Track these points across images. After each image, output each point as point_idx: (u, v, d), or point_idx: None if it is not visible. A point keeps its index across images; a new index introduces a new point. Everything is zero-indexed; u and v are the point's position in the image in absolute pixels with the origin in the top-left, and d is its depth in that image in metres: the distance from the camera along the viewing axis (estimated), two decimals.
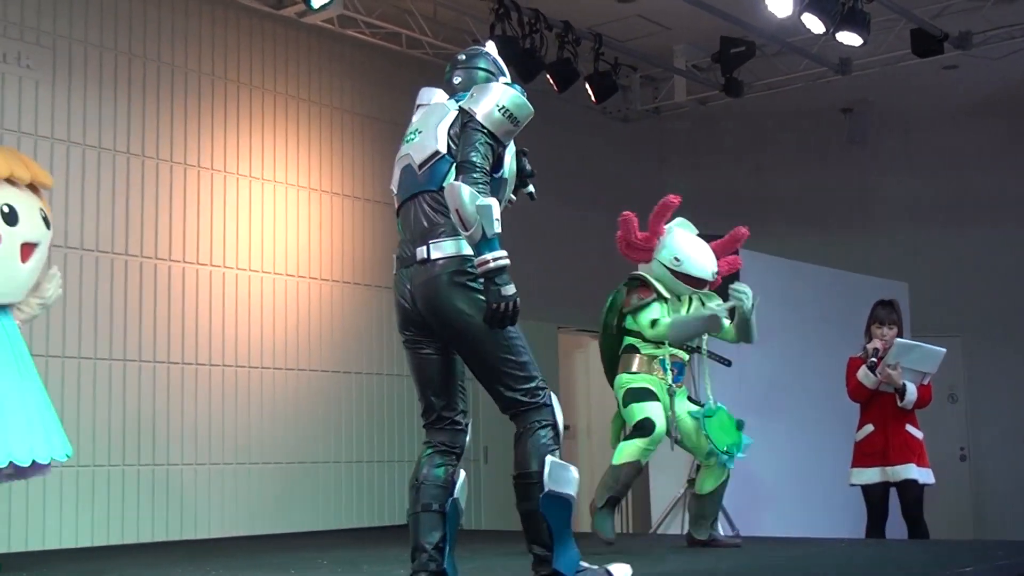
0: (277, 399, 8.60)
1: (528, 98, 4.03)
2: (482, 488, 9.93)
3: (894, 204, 11.97)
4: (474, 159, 3.93)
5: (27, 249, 4.68)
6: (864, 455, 7.05)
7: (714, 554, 5.83)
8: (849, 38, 8.60)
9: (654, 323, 6.00)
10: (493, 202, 3.84)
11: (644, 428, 5.86)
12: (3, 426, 4.43)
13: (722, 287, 6.33)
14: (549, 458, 4.00)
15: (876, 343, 6.97)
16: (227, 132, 8.52)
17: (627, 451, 5.88)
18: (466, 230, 3.84)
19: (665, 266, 6.07)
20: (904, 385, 6.86)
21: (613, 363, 6.25)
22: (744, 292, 5.96)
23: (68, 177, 7.56)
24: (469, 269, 3.96)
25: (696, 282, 6.13)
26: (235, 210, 8.50)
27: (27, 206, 4.71)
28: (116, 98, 7.90)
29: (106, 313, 7.70)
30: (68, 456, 4.74)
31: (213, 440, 8.19)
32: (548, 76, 9.30)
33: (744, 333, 6.12)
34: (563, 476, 4.00)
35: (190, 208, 8.22)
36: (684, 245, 6.12)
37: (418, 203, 4.15)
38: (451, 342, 4.08)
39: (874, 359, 6.91)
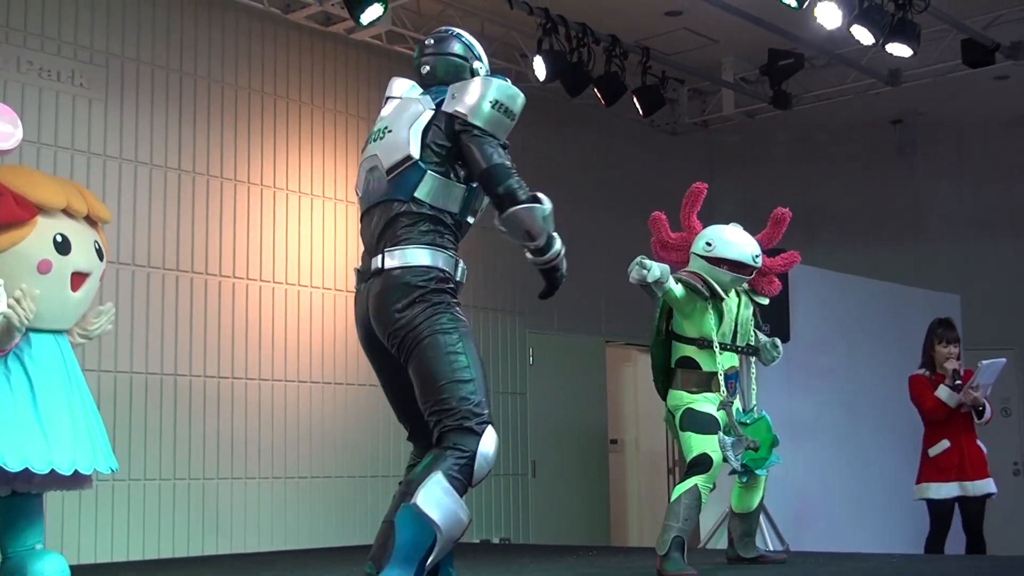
0: (326, 413, 8.64)
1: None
2: (530, 502, 9.93)
3: (945, 216, 11.86)
4: (498, 161, 3.66)
5: (78, 278, 4.78)
6: (940, 470, 7.05)
7: (761, 570, 5.78)
8: (899, 49, 8.53)
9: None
10: (548, 201, 3.70)
11: (701, 464, 5.42)
12: (48, 436, 4.52)
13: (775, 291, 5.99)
14: (437, 476, 3.44)
15: (953, 363, 6.95)
16: (276, 148, 8.59)
17: (685, 489, 5.41)
18: (534, 241, 3.69)
19: (700, 256, 5.68)
20: (984, 404, 6.95)
21: (661, 370, 5.82)
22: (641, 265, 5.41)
23: (120, 194, 7.66)
24: (423, 281, 3.64)
25: (735, 266, 5.63)
26: (284, 225, 8.56)
27: (81, 237, 4.80)
28: (168, 116, 7.99)
29: (157, 328, 7.78)
30: (112, 470, 4.81)
31: (263, 454, 8.24)
32: (596, 90, 9.31)
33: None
34: (441, 501, 3.42)
35: (240, 224, 8.30)
36: (717, 230, 5.75)
37: (382, 211, 3.78)
38: (399, 356, 3.70)
39: (959, 381, 6.93)
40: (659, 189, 11.05)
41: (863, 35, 8.42)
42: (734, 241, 5.70)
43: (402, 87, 4.04)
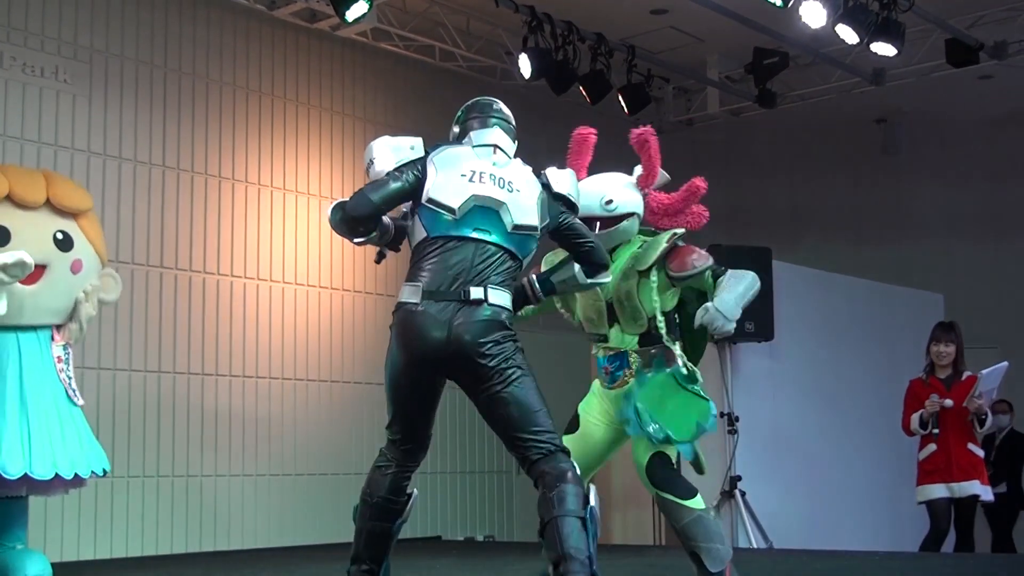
0: (311, 410, 8.63)
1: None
2: (514, 500, 9.93)
3: (929, 215, 11.90)
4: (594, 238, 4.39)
5: (31, 272, 4.57)
6: (927, 473, 7.10)
7: (743, 567, 5.75)
8: (883, 48, 8.55)
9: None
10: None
11: None
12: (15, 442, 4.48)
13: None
14: (571, 519, 3.84)
15: (944, 402, 6.91)
16: (261, 145, 8.57)
17: None
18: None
19: None
20: (987, 414, 6.95)
21: None
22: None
23: (104, 190, 7.63)
24: (511, 322, 4.04)
25: (585, 221, 4.61)
26: (268, 222, 8.55)
27: (33, 227, 4.63)
28: (152, 112, 7.97)
29: (140, 325, 7.76)
30: (96, 473, 4.73)
31: (248, 451, 8.23)
32: (581, 88, 9.31)
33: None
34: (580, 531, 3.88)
35: (224, 220, 8.28)
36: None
37: (489, 253, 4.05)
38: (484, 381, 3.94)
39: (935, 429, 6.94)
40: None
41: (848, 34, 8.44)
42: (581, 192, 4.75)
43: (502, 139, 4.37)
